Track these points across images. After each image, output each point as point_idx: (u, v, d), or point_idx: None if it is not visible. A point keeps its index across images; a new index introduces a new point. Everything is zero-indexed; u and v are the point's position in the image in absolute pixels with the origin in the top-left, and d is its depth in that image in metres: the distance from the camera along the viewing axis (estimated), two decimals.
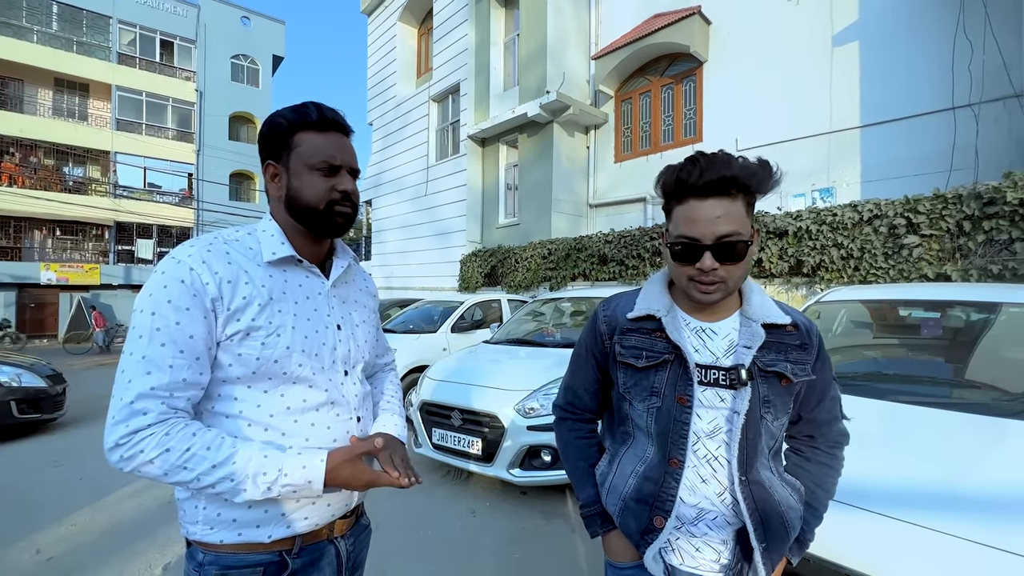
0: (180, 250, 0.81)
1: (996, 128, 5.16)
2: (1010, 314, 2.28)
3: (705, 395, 0.88)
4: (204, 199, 21.09)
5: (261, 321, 0.81)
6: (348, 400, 0.92)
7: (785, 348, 0.90)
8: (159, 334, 0.75)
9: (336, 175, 0.87)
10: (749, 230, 0.83)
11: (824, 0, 6.58)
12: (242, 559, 0.81)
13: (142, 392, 0.73)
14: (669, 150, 8.35)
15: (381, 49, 13.48)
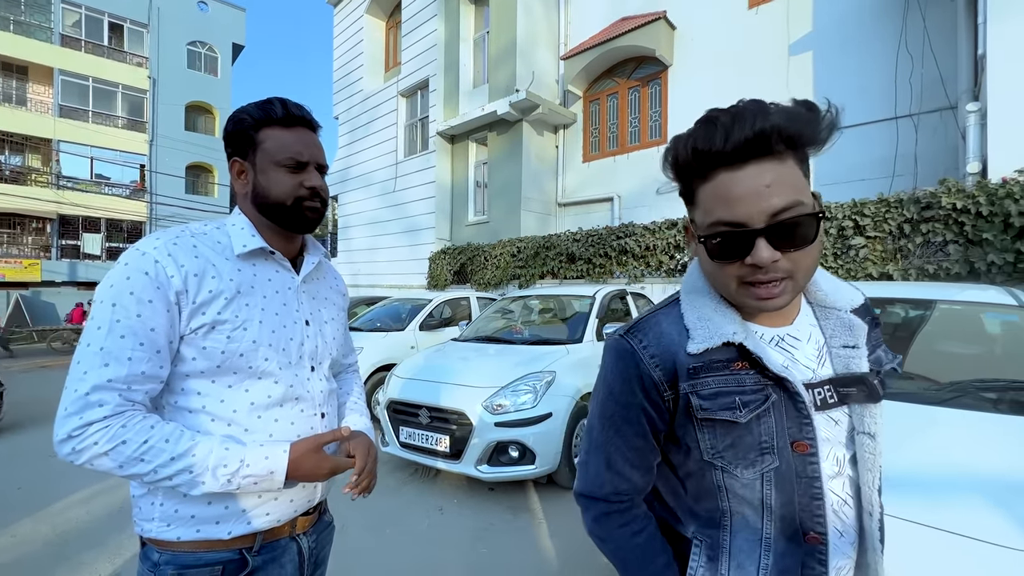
0: (145, 242, 0.79)
1: (934, 137, 5.53)
2: (942, 311, 2.45)
3: (828, 429, 0.67)
4: (158, 192, 20.08)
5: (227, 315, 0.80)
6: (313, 396, 0.91)
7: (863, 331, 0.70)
8: (119, 326, 0.73)
9: (303, 171, 0.87)
10: (811, 198, 0.61)
11: (781, 11, 6.87)
12: (200, 558, 0.79)
13: (98, 384, 0.71)
14: (635, 151, 8.53)
15: (348, 42, 13.18)
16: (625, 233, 6.85)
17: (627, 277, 6.78)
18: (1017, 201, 3.91)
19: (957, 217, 4.22)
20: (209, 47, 22.56)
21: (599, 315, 4.05)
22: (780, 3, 6.91)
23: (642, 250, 6.61)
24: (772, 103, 0.60)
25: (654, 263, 6.53)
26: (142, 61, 20.11)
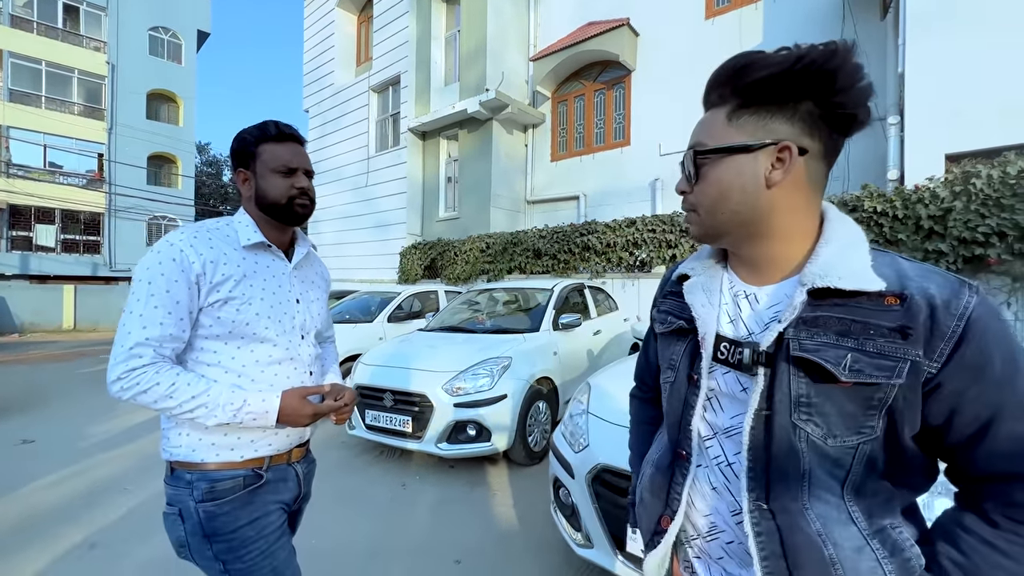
0: (173, 235, 1.03)
1: (866, 145, 6.03)
2: None
3: (725, 378, 0.70)
4: (117, 183, 19.39)
5: (236, 293, 1.04)
6: (303, 358, 1.16)
7: (863, 329, 0.58)
8: (153, 299, 0.97)
9: (294, 176, 1.11)
10: (726, 140, 0.64)
11: (734, 23, 7.30)
12: (224, 474, 1.04)
13: (139, 341, 0.95)
14: (600, 152, 8.88)
15: (318, 35, 13.08)
16: (588, 231, 7.18)
17: (590, 272, 7.11)
18: (927, 206, 4.39)
19: (877, 219, 4.69)
20: (172, 33, 21.83)
21: (556, 306, 4.34)
22: (733, 15, 7.34)
23: (603, 247, 6.95)
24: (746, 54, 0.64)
25: (614, 259, 6.87)
26: (100, 45, 19.33)
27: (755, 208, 0.64)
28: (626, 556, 1.78)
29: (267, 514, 1.09)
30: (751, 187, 0.63)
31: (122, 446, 4.09)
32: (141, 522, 2.73)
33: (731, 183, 0.64)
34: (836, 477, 0.61)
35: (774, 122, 0.62)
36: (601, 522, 1.86)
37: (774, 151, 0.62)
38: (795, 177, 0.63)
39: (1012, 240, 4.01)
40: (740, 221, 0.66)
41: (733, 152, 0.64)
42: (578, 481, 1.95)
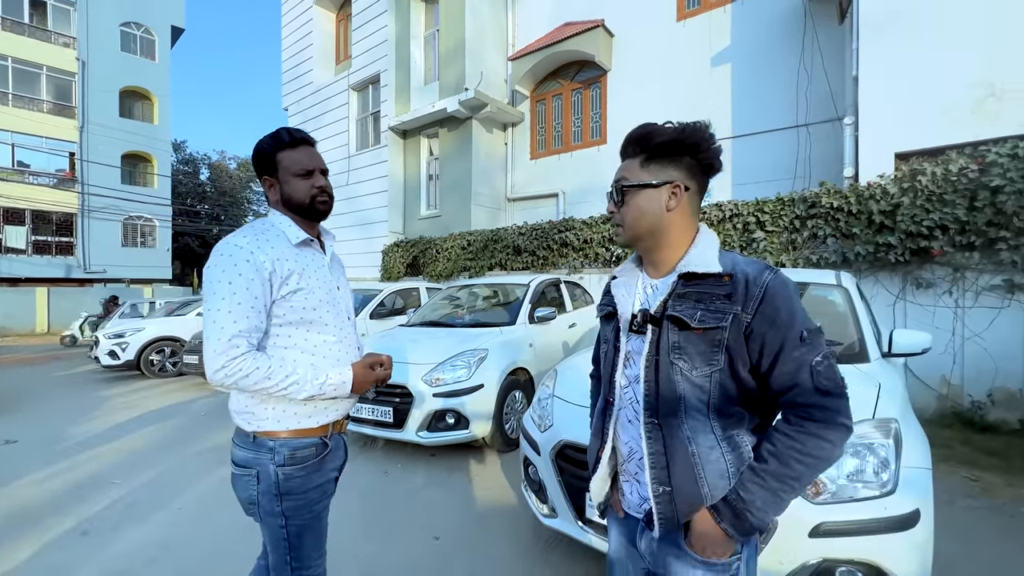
0: (238, 239, 1.16)
1: (826, 144, 6.35)
2: (811, 293, 3.02)
3: (635, 342, 0.99)
4: (90, 182, 18.97)
5: (302, 284, 1.20)
6: (352, 337, 1.35)
7: (707, 297, 0.90)
8: (236, 296, 1.11)
9: (312, 176, 1.25)
10: (641, 179, 0.95)
11: (705, 25, 7.55)
12: (302, 442, 1.22)
13: (234, 334, 1.10)
14: (578, 150, 9.08)
15: (296, 32, 13.01)
16: (566, 227, 7.37)
17: (568, 268, 7.31)
18: (878, 201, 4.68)
19: (834, 215, 4.97)
20: (145, 29, 21.37)
21: (532, 301, 4.52)
22: (703, 18, 7.59)
23: (581, 243, 7.15)
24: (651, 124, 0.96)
25: (591, 255, 7.09)
26: (69, 41, 18.85)
27: (659, 225, 0.97)
28: (585, 522, 1.97)
29: (329, 480, 1.29)
30: (657, 211, 0.96)
31: (105, 444, 4.15)
32: (130, 511, 2.84)
33: (644, 207, 0.97)
34: (702, 400, 0.91)
35: (670, 169, 0.95)
36: (564, 493, 2.05)
37: (671, 187, 0.95)
38: (682, 205, 0.96)
39: (953, 233, 4.32)
40: (650, 233, 0.98)
41: (646, 187, 0.96)
42: (544, 457, 2.13)
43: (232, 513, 2.81)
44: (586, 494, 1.96)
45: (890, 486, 1.54)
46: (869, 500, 1.52)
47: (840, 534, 1.48)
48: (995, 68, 4.38)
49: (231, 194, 32.99)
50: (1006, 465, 3.41)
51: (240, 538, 2.57)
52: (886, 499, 1.51)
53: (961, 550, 2.34)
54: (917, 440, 1.73)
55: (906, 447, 1.65)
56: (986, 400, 4.26)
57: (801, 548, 1.50)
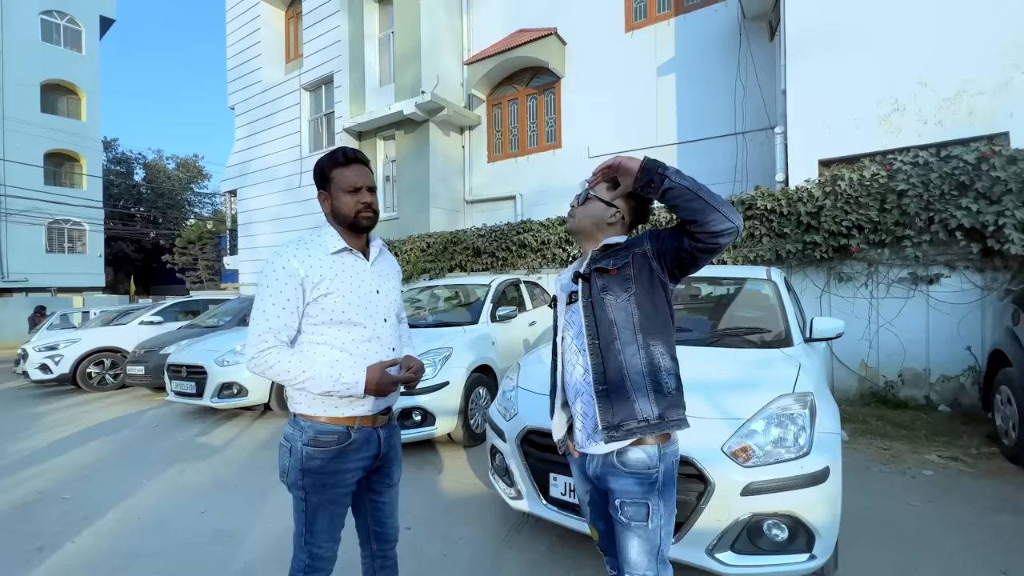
0: (281, 249, 1.34)
1: (761, 151, 6.89)
2: (747, 288, 3.33)
3: (571, 309, 1.35)
4: (8, 183, 17.43)
5: (333, 288, 1.33)
6: (386, 337, 1.45)
7: (615, 254, 1.30)
8: (271, 298, 1.29)
9: (359, 193, 1.38)
10: (602, 195, 1.33)
11: (651, 37, 7.99)
12: (326, 427, 1.35)
13: (264, 330, 1.28)
14: (535, 153, 9.33)
15: (243, 29, 12.56)
16: (524, 229, 7.58)
17: (527, 268, 7.52)
18: (805, 204, 5.16)
19: (768, 216, 5.43)
20: (70, 18, 19.90)
21: (493, 300, 4.68)
22: (650, 29, 8.03)
23: (538, 244, 7.38)
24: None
25: (549, 256, 7.33)
26: None
27: (597, 229, 1.36)
28: (549, 500, 2.14)
29: (347, 471, 1.37)
30: (600, 222, 1.35)
31: (48, 460, 3.94)
32: (87, 523, 2.76)
33: (595, 214, 1.35)
34: (627, 320, 1.25)
35: (621, 201, 1.34)
36: (529, 475, 2.21)
37: (617, 214, 1.34)
38: (617, 226, 1.36)
39: (867, 232, 4.85)
40: (587, 230, 1.37)
41: (602, 203, 1.34)
42: (509, 443, 2.29)
43: (198, 521, 2.80)
44: (550, 475, 2.13)
45: (806, 449, 1.81)
46: (789, 461, 1.77)
47: (766, 491, 1.73)
48: (898, 86, 4.96)
49: (170, 196, 31.09)
50: (912, 435, 3.89)
51: (209, 545, 2.57)
52: (802, 459, 1.78)
53: (872, 505, 2.71)
54: (829, 410, 2.02)
55: (819, 416, 1.92)
56: (897, 380, 4.82)
57: (735, 506, 1.74)
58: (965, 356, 4.53)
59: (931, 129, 4.83)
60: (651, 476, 1.23)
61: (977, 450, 3.54)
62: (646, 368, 1.23)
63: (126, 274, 26.94)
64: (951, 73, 4.75)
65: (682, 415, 1.26)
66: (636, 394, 1.22)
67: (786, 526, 1.74)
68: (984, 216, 4.29)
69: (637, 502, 1.23)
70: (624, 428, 1.22)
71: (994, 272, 4.42)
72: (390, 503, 1.54)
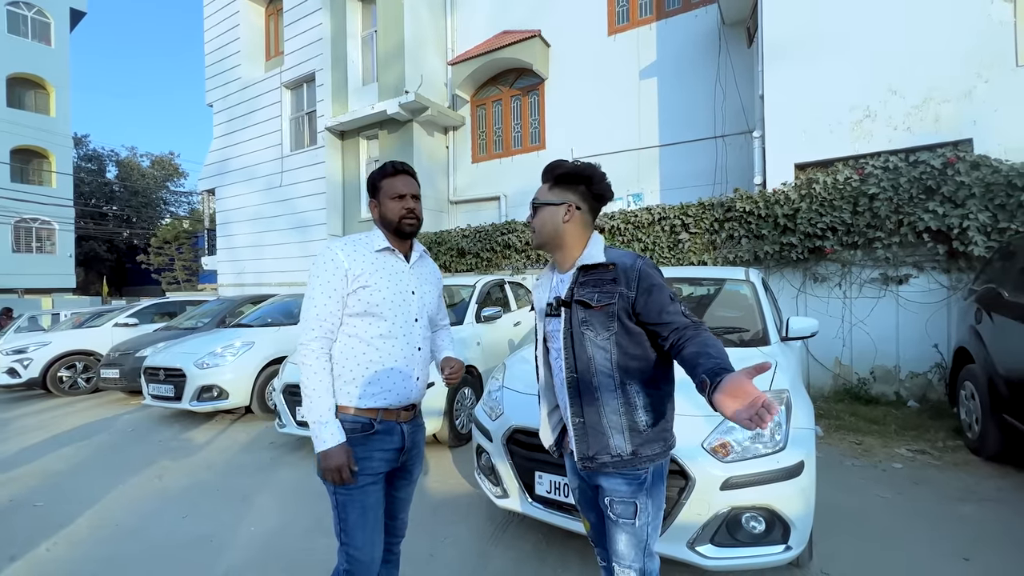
0: (333, 244, 1.44)
1: (740, 154, 7.04)
2: (726, 288, 3.40)
3: (553, 323, 1.34)
4: None
5: (371, 281, 1.42)
6: (413, 337, 1.51)
7: (600, 283, 1.25)
8: (320, 287, 1.39)
9: (403, 200, 1.48)
10: (547, 199, 1.31)
11: (633, 40, 8.10)
12: (350, 417, 1.41)
13: (312, 316, 1.39)
14: (519, 155, 9.36)
15: (221, 24, 12.30)
16: (508, 230, 7.61)
17: (511, 269, 7.55)
18: (782, 206, 5.31)
19: (747, 218, 5.57)
20: (38, 10, 19.25)
21: (478, 301, 4.69)
22: (632, 33, 8.13)
23: (523, 244, 7.42)
24: (562, 161, 1.35)
25: (533, 256, 7.37)
26: None
27: (557, 232, 1.33)
28: (535, 498, 2.17)
29: (371, 459, 1.41)
30: (556, 223, 1.32)
31: (18, 467, 3.82)
32: (62, 531, 2.69)
33: (547, 219, 1.33)
34: (606, 358, 1.25)
35: (568, 193, 1.32)
36: (515, 474, 2.24)
37: (567, 207, 1.31)
38: (575, 220, 1.32)
39: (841, 234, 5.01)
40: (551, 238, 1.34)
41: (549, 205, 1.33)
42: (495, 443, 2.31)
43: (178, 526, 2.75)
44: (535, 474, 2.16)
45: (782, 444, 1.87)
46: (766, 456, 1.84)
47: (744, 485, 1.79)
48: (870, 93, 5.13)
49: (144, 194, 30.23)
50: (883, 430, 4.04)
51: (189, 550, 2.54)
52: (778, 454, 1.84)
53: (845, 498, 2.81)
54: (804, 406, 2.10)
55: (795, 412, 2.00)
56: (869, 377, 4.99)
57: (714, 500, 1.79)
58: (932, 354, 4.72)
59: (900, 135, 5.01)
60: (639, 476, 1.26)
61: (943, 443, 3.70)
62: (622, 408, 1.25)
63: (98, 275, 26.12)
64: (919, 81, 4.94)
65: (658, 450, 1.26)
66: (611, 430, 1.25)
67: (763, 518, 1.81)
68: (949, 219, 4.48)
69: (625, 500, 1.27)
70: (597, 461, 1.27)
71: (959, 273, 4.62)
72: (406, 499, 1.61)
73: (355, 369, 1.42)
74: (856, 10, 5.18)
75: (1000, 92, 4.61)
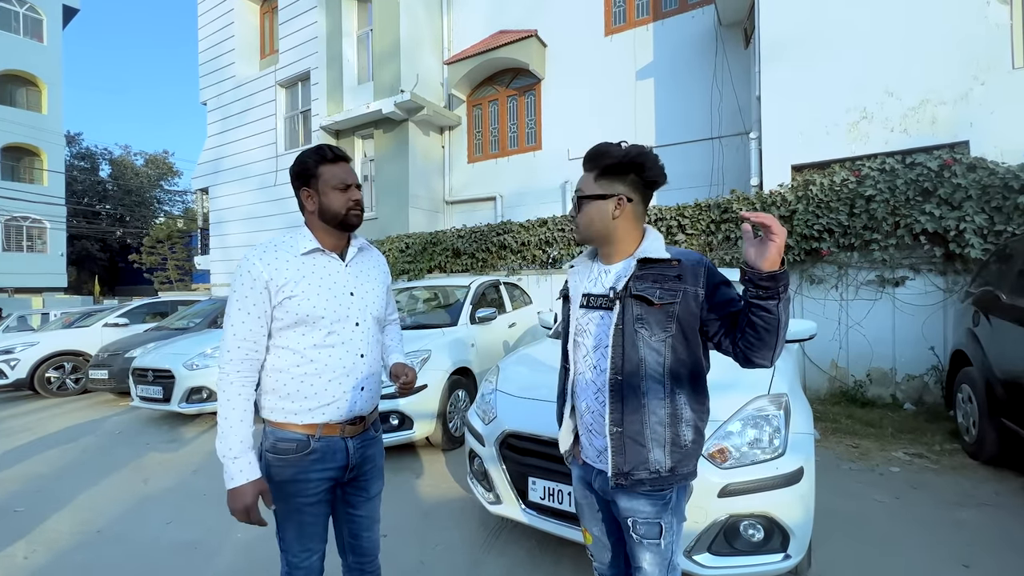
0: (249, 252, 1.28)
1: (737, 155, 7.03)
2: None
3: (589, 316, 1.22)
4: None
5: (297, 291, 1.27)
6: (355, 343, 1.35)
7: (662, 279, 1.13)
8: (236, 304, 1.25)
9: (349, 190, 1.33)
10: (593, 191, 1.18)
11: (629, 41, 8.07)
12: (284, 434, 1.29)
13: (230, 336, 1.25)
14: (515, 155, 9.32)
15: (216, 22, 12.20)
16: (504, 230, 7.56)
17: (507, 270, 7.50)
18: (779, 208, 5.28)
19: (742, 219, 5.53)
20: (30, 6, 19.06)
21: (473, 302, 4.64)
22: (629, 34, 8.11)
23: (518, 245, 7.37)
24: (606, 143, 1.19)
25: (529, 257, 7.32)
26: None
27: (606, 229, 1.20)
28: (529, 505, 2.12)
29: (307, 480, 1.29)
30: (605, 219, 1.19)
31: (2, 471, 3.73)
32: (41, 538, 2.61)
33: (594, 216, 1.20)
34: (658, 362, 1.14)
35: (615, 184, 1.18)
36: (508, 480, 2.19)
37: (616, 200, 1.17)
38: (626, 213, 1.19)
39: (838, 236, 4.99)
40: (598, 235, 1.22)
41: (596, 199, 1.19)
42: (488, 448, 2.26)
43: (162, 532, 2.69)
44: (529, 479, 2.11)
45: (781, 449, 1.83)
46: (764, 462, 1.79)
47: (742, 492, 1.74)
48: (866, 95, 5.12)
49: (138, 193, 29.97)
50: (879, 433, 4.01)
51: (173, 556, 2.47)
52: (777, 460, 1.80)
53: (843, 502, 2.78)
54: (802, 410, 2.06)
55: (793, 416, 1.95)
56: (865, 379, 4.97)
57: (712, 508, 1.75)
58: (929, 356, 4.71)
59: (897, 137, 5.00)
60: (664, 496, 1.18)
61: (940, 447, 3.67)
62: (668, 419, 1.14)
63: (91, 274, 25.86)
64: (916, 83, 4.93)
65: (693, 467, 1.19)
66: (653, 443, 1.14)
67: (761, 526, 1.76)
68: (946, 221, 4.46)
69: (650, 521, 1.17)
70: (633, 477, 1.16)
71: (955, 275, 4.60)
72: (367, 516, 1.47)
73: (289, 383, 1.28)
74: (853, 11, 5.17)
75: (997, 94, 4.60)
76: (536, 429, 2.08)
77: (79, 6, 20.81)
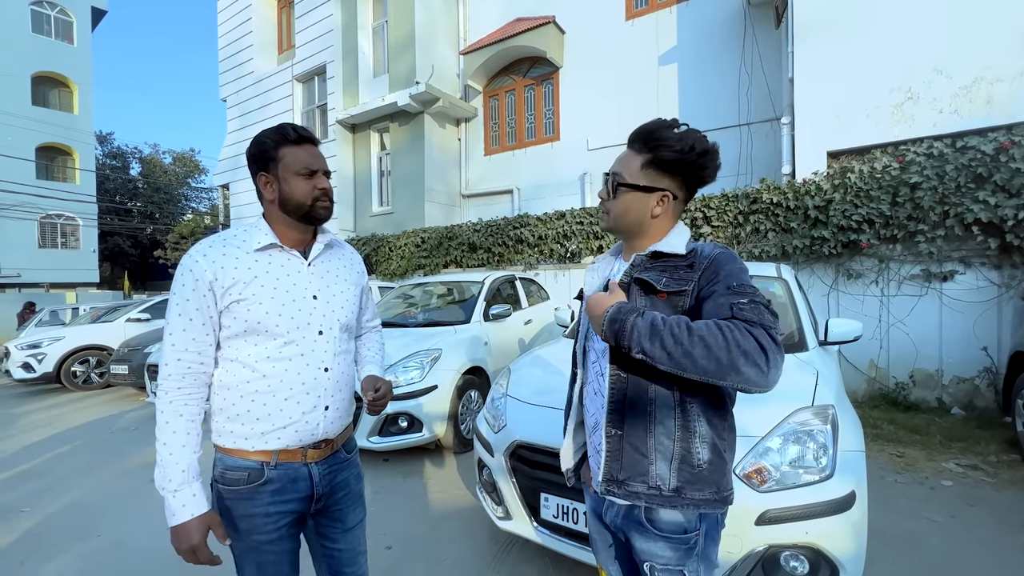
0: (194, 248, 1.10)
1: (766, 142, 6.66)
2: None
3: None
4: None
5: (246, 294, 1.07)
6: (317, 354, 1.14)
7: (671, 269, 1.00)
8: (176, 308, 1.06)
9: (315, 177, 1.13)
10: (637, 177, 1.01)
11: (652, 25, 7.73)
12: (235, 462, 1.10)
13: (169, 347, 1.05)
14: (532, 146, 9.08)
15: (235, 19, 12.25)
16: (521, 224, 7.35)
17: (523, 264, 7.30)
18: (813, 197, 4.94)
19: (774, 210, 5.21)
20: (60, 9, 19.58)
21: (486, 298, 4.46)
22: (651, 17, 7.76)
23: (536, 239, 7.16)
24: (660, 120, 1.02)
25: (547, 251, 7.11)
26: None
27: (642, 224, 1.05)
28: (540, 523, 1.94)
29: (265, 515, 1.10)
30: (643, 213, 1.04)
31: (15, 467, 3.75)
32: (39, 542, 2.56)
33: (631, 207, 1.04)
34: None
35: (664, 178, 1.02)
36: (518, 494, 2.01)
37: (660, 196, 1.02)
38: (667, 210, 1.04)
39: (878, 227, 4.63)
40: (630, 228, 1.07)
41: (638, 189, 1.02)
42: (497, 458, 2.08)
43: (163, 539, 2.59)
44: (541, 495, 1.93)
45: (828, 470, 1.60)
46: (810, 485, 1.57)
47: (784, 520, 1.52)
48: (912, 74, 4.72)
49: (166, 190, 30.79)
50: (926, 441, 3.69)
51: (170, 566, 2.37)
52: (825, 483, 1.57)
53: (890, 520, 2.51)
54: (851, 424, 1.82)
55: (842, 431, 1.72)
56: (908, 381, 4.61)
57: (748, 536, 1.53)
58: (981, 357, 4.33)
59: (946, 118, 4.60)
60: (689, 540, 0.98)
61: (997, 457, 3.35)
62: (679, 431, 0.97)
63: (122, 269, 26.72)
64: (968, 60, 4.51)
65: (708, 495, 0.96)
66: (656, 454, 0.97)
67: (806, 559, 1.54)
68: (1003, 210, 4.07)
69: (670, 569, 0.98)
70: (627, 488, 0.99)
71: (1012, 269, 4.21)
72: (348, 549, 1.27)
73: (239, 403, 1.08)
74: None
75: None
76: (549, 441, 1.89)
77: (107, 7, 21.30)
